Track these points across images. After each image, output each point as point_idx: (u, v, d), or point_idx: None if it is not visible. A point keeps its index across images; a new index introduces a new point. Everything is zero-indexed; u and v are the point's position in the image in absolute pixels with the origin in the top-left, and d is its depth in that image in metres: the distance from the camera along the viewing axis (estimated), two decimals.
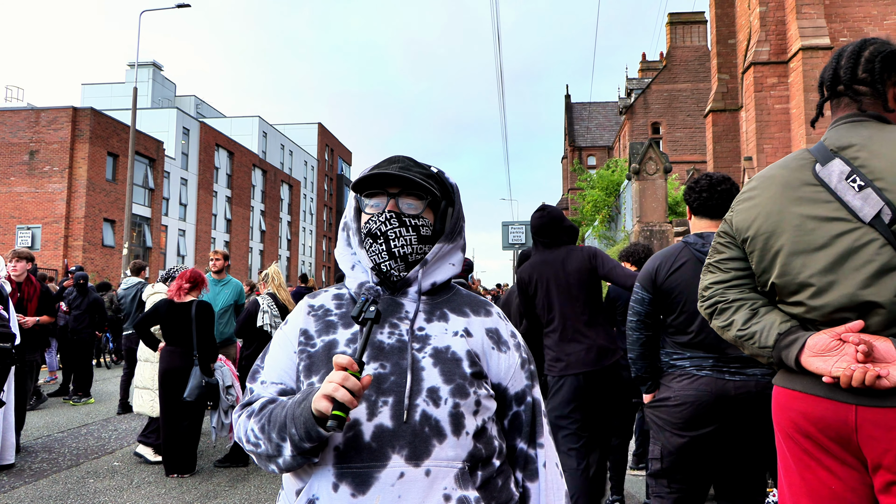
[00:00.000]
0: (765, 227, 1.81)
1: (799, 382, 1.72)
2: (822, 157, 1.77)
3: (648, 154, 11.22)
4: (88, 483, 5.28)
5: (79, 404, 9.03)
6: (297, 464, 1.28)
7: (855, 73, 1.81)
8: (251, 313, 5.92)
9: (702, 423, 2.72)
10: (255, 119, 51.25)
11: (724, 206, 2.91)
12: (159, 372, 5.57)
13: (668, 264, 2.92)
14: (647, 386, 2.96)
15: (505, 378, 1.43)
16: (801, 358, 1.67)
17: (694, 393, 2.73)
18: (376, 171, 1.41)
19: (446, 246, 1.47)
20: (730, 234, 1.94)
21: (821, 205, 1.72)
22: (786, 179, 1.81)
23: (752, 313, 1.84)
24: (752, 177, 1.97)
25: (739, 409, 2.69)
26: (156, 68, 48.73)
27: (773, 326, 1.76)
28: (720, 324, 1.93)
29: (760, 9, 19.11)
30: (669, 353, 2.91)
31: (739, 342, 1.86)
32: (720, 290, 1.93)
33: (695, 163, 35.86)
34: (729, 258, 1.94)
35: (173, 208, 38.46)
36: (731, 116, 23.77)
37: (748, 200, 1.89)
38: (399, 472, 1.23)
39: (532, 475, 1.43)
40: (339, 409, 1.14)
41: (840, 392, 1.61)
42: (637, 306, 2.99)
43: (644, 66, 48.90)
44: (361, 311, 1.25)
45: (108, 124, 31.36)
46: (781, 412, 1.79)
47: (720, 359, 2.74)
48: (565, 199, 52.48)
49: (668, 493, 2.85)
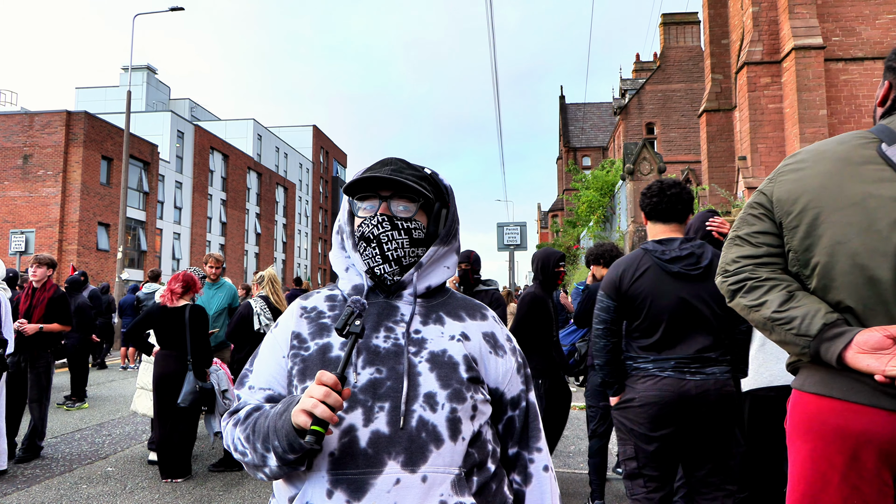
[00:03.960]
0: (817, 202, 1.64)
1: (837, 388, 1.58)
2: (887, 137, 1.65)
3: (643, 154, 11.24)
4: (81, 489, 5.24)
5: (72, 409, 8.98)
6: (284, 473, 1.26)
7: None
8: (243, 316, 5.89)
9: (666, 422, 2.84)
10: (250, 122, 51.21)
11: (674, 210, 3.04)
12: (154, 376, 5.54)
13: (630, 271, 2.99)
14: (614, 389, 3.04)
15: (502, 382, 1.41)
16: (847, 354, 1.52)
17: (657, 393, 2.84)
18: (368, 174, 1.39)
19: (441, 249, 1.45)
20: (766, 206, 1.76)
21: (886, 184, 1.58)
22: (845, 154, 1.66)
23: (788, 295, 1.66)
24: (800, 150, 1.80)
25: (700, 406, 2.81)
26: (150, 72, 48.64)
27: (818, 315, 1.59)
28: (749, 302, 1.73)
29: (753, 9, 19.16)
30: (633, 356, 3.00)
31: (771, 325, 1.68)
32: (750, 265, 1.75)
33: (689, 163, 35.95)
34: (761, 231, 1.76)
35: (168, 211, 38.39)
36: (724, 116, 23.83)
37: (795, 172, 1.73)
38: (395, 479, 1.21)
39: (526, 479, 1.42)
40: (318, 424, 1.13)
41: (887, 399, 1.50)
42: (603, 314, 3.06)
43: (638, 66, 49.04)
44: (346, 325, 1.22)
45: (103, 128, 31.29)
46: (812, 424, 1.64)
47: (681, 360, 2.85)
48: (560, 199, 52.55)
49: (646, 493, 2.93)
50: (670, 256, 2.93)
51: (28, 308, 6.18)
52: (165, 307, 5.62)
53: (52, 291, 6.34)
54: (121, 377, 12.58)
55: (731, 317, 2.92)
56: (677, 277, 2.91)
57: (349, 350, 1.21)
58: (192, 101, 54.12)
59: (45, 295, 6.29)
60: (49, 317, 6.22)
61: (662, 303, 2.89)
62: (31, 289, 6.33)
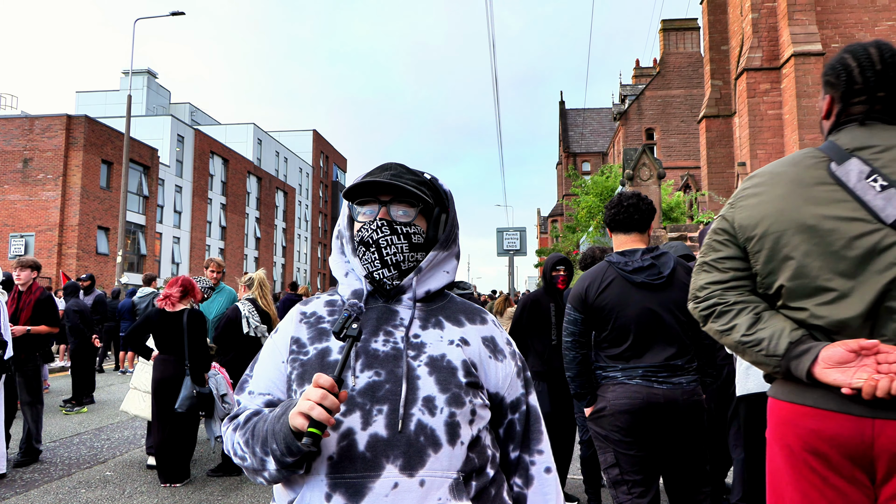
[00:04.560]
0: (776, 226, 1.70)
1: (809, 396, 1.63)
2: (836, 156, 1.69)
3: (642, 160, 11.26)
4: (80, 493, 5.23)
5: (71, 413, 8.96)
6: (283, 476, 1.27)
7: (874, 77, 1.74)
8: (231, 320, 5.87)
9: (639, 429, 2.90)
10: (250, 126, 51.26)
11: (632, 220, 3.12)
12: (152, 381, 5.54)
13: (596, 284, 3.07)
14: (587, 400, 3.11)
15: (502, 387, 1.42)
16: (815, 370, 1.58)
17: (627, 401, 2.90)
18: (367, 179, 1.40)
19: (441, 254, 1.46)
20: (729, 231, 1.82)
21: (838, 204, 1.63)
22: (798, 176, 1.71)
23: (755, 318, 1.73)
24: (754, 173, 1.86)
25: (669, 413, 2.88)
26: (150, 76, 48.72)
27: (784, 334, 1.66)
28: (719, 327, 1.80)
29: (753, 15, 19.22)
30: (602, 366, 3.06)
31: (742, 348, 1.75)
32: (718, 290, 1.81)
33: (689, 168, 36.01)
34: (727, 257, 1.82)
35: (168, 216, 38.39)
36: (724, 122, 23.87)
37: (753, 197, 1.78)
38: (393, 483, 1.21)
39: (528, 482, 1.42)
40: (315, 426, 1.14)
41: (856, 406, 1.55)
42: (571, 326, 3.13)
43: (638, 72, 49.12)
44: (343, 328, 1.23)
45: (103, 132, 31.32)
46: (786, 428, 1.69)
47: (649, 369, 2.91)
48: (560, 204, 52.58)
49: (631, 497, 2.97)
50: (633, 267, 3.02)
51: (15, 311, 6.19)
52: (164, 311, 5.61)
53: (38, 294, 6.36)
54: (119, 381, 12.56)
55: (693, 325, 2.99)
56: (641, 287, 2.99)
57: (346, 353, 1.21)
58: (192, 105, 54.19)
59: (32, 297, 6.31)
60: (36, 319, 6.24)
61: (628, 313, 2.96)
62: (17, 292, 6.34)
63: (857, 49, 1.78)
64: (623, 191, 3.23)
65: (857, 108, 1.76)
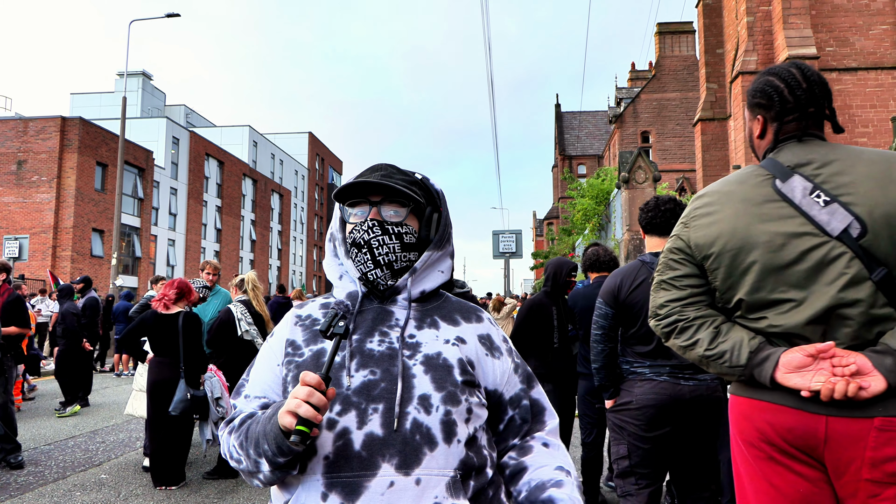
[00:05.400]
0: (731, 244, 1.79)
1: (767, 393, 1.74)
2: (779, 173, 1.79)
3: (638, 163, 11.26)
4: (75, 496, 5.21)
5: (65, 415, 8.92)
6: (277, 478, 1.27)
7: (804, 94, 1.84)
8: (223, 322, 5.83)
9: (662, 424, 3.00)
10: (246, 128, 51.20)
11: (668, 224, 3.22)
12: (148, 383, 5.52)
13: (628, 282, 3.18)
14: (610, 392, 3.21)
15: (500, 384, 1.42)
16: (777, 375, 1.69)
17: (654, 397, 3.01)
18: (357, 180, 1.41)
19: (435, 253, 1.46)
20: (685, 251, 1.91)
21: (787, 220, 1.74)
22: (746, 195, 1.81)
23: (715, 332, 1.83)
24: (701, 192, 1.96)
25: (693, 409, 2.98)
26: (145, 78, 48.64)
27: (743, 345, 1.77)
28: (682, 343, 1.90)
29: (748, 19, 19.29)
30: (630, 361, 3.17)
31: (706, 362, 1.85)
32: (678, 307, 1.91)
33: (684, 171, 36.10)
34: (684, 275, 1.91)
35: (163, 218, 38.30)
36: (719, 125, 23.95)
37: (706, 216, 1.87)
38: (389, 482, 1.21)
39: (525, 451, 1.41)
40: (303, 424, 1.14)
41: (811, 404, 1.66)
42: (601, 320, 3.24)
43: (633, 75, 49.26)
44: (330, 326, 1.24)
45: (97, 134, 31.23)
46: (744, 421, 1.80)
47: (676, 366, 3.02)
48: (556, 207, 52.64)
49: (637, 489, 3.07)
50: None
51: None
52: (159, 314, 5.60)
53: (6, 295, 6.32)
54: (115, 384, 12.52)
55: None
56: None
57: (333, 350, 1.22)
58: (187, 107, 54.10)
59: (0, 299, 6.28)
60: (5, 320, 6.21)
61: None
62: None
63: (780, 71, 1.88)
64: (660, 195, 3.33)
65: (791, 126, 1.86)
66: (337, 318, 1.24)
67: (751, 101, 1.95)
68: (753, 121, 1.96)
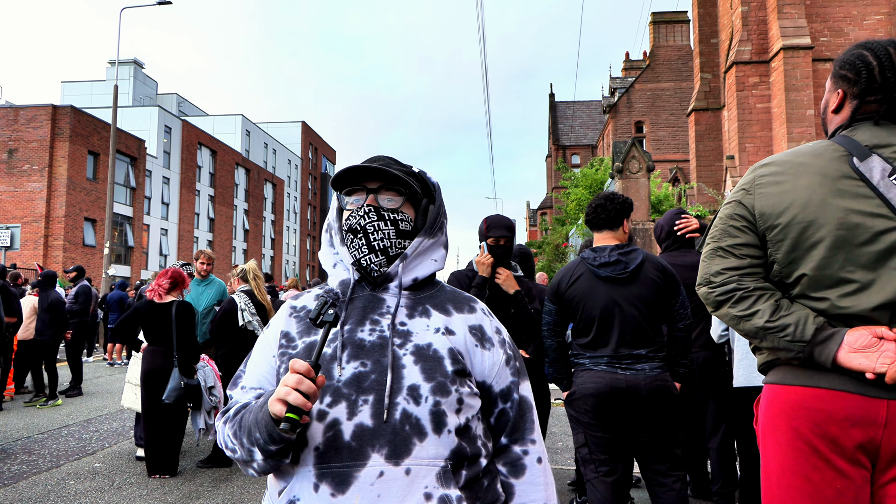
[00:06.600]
0: (802, 216, 1.72)
1: (824, 379, 1.67)
2: (857, 151, 1.72)
3: (631, 153, 11.26)
4: (69, 485, 5.21)
5: (46, 407, 8.82)
6: (270, 466, 1.28)
7: (894, 78, 1.75)
8: (227, 312, 5.83)
9: (605, 412, 3.12)
10: (238, 117, 50.95)
11: (600, 219, 3.36)
12: (141, 372, 5.52)
13: (567, 278, 3.33)
14: (563, 385, 3.38)
15: (489, 375, 1.41)
16: (839, 354, 1.63)
17: (592, 386, 3.13)
18: (354, 165, 1.41)
19: (427, 241, 1.46)
20: (748, 218, 1.82)
21: (863, 199, 1.67)
22: (822, 168, 1.74)
23: (776, 305, 1.75)
24: (767, 160, 1.87)
25: (631, 399, 3.09)
26: (137, 66, 48.31)
27: (809, 321, 1.69)
28: (738, 312, 1.80)
29: (742, 8, 19.27)
30: (575, 353, 3.34)
31: (762, 333, 1.75)
32: (735, 276, 1.81)
33: (678, 161, 36.12)
34: (744, 244, 1.82)
35: (155, 207, 38.14)
36: (713, 115, 23.96)
37: (775, 185, 1.79)
38: (379, 472, 1.22)
39: (517, 471, 1.41)
40: (293, 411, 1.14)
41: (872, 388, 1.61)
42: (547, 317, 3.43)
43: (627, 65, 49.16)
44: (320, 314, 1.24)
45: (89, 122, 31.03)
46: (796, 412, 1.71)
47: (613, 356, 3.14)
48: (550, 197, 52.66)
49: (597, 476, 3.20)
50: (600, 262, 3.23)
51: None
52: (153, 303, 5.59)
53: None
54: (108, 373, 12.51)
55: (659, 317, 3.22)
56: (607, 281, 3.22)
57: (322, 338, 1.22)
58: (179, 95, 53.82)
59: None
60: None
61: (594, 305, 3.21)
62: None
63: (876, 47, 1.78)
64: (600, 193, 3.46)
65: (871, 107, 1.78)
66: (327, 305, 1.25)
67: (837, 71, 1.85)
68: (833, 93, 1.86)
